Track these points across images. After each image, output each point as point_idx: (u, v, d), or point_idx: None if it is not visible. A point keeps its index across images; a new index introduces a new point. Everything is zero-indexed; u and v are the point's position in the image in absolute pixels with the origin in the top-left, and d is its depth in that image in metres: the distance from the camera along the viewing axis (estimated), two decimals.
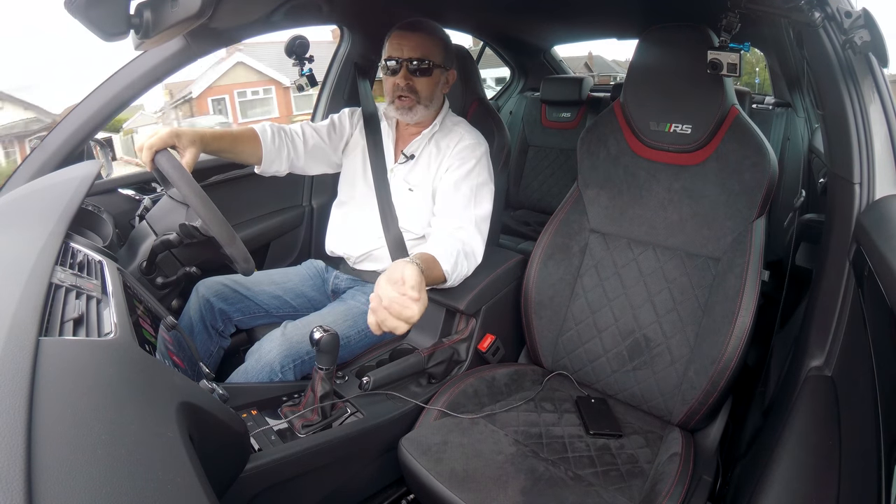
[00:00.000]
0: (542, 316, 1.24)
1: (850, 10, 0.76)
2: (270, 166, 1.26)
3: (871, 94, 0.84)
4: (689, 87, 1.11)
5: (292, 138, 1.29)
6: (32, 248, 0.67)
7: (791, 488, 0.68)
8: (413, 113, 1.23)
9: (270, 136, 1.24)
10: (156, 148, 0.98)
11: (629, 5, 1.65)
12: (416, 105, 1.22)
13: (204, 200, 0.96)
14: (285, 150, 1.27)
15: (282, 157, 1.27)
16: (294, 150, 1.29)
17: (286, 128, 1.30)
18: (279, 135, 1.26)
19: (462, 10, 1.85)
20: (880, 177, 0.84)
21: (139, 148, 0.99)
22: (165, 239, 1.12)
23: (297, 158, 1.30)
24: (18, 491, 0.32)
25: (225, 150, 1.17)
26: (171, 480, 0.42)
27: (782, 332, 1.33)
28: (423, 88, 1.21)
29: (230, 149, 1.18)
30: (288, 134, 1.29)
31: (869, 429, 0.61)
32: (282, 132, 1.27)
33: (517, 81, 2.93)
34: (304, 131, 1.32)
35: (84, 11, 0.78)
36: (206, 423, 0.61)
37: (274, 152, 1.25)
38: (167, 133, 1.00)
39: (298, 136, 1.31)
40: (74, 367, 0.48)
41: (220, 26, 1.18)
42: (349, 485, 1.02)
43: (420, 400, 1.08)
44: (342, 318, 1.20)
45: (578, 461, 0.97)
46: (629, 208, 1.20)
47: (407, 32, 1.20)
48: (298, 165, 1.32)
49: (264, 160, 1.24)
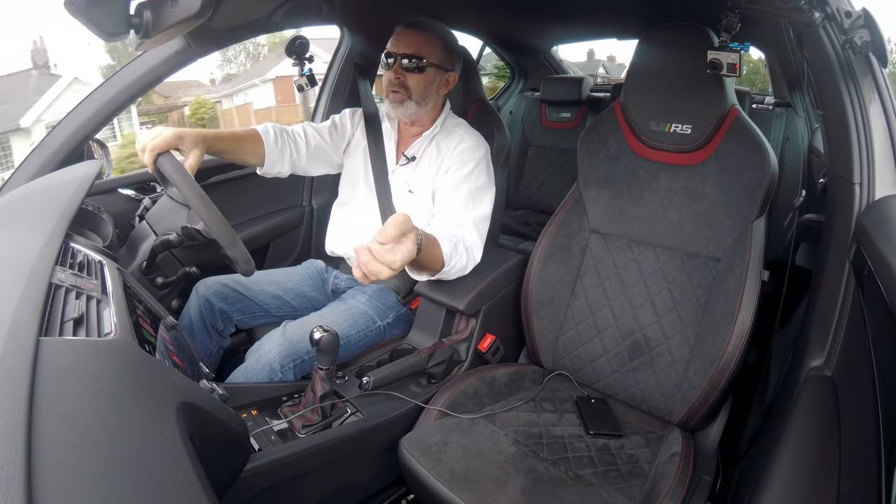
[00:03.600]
0: (542, 316, 1.24)
1: (850, 10, 0.76)
2: (273, 167, 1.26)
3: (871, 94, 0.84)
4: (689, 88, 1.11)
5: (294, 139, 1.29)
6: (32, 248, 0.67)
7: (791, 488, 0.68)
8: (405, 108, 1.23)
9: (273, 138, 1.24)
10: (158, 150, 0.96)
11: (629, 5, 1.65)
12: (407, 101, 1.22)
13: (206, 203, 0.95)
14: (288, 151, 1.27)
15: (284, 159, 1.27)
16: (296, 152, 1.29)
17: (288, 129, 1.30)
18: (281, 136, 1.26)
19: (462, 10, 1.85)
20: (880, 177, 0.84)
21: (141, 149, 0.97)
22: (165, 239, 1.12)
23: (299, 160, 1.30)
24: (18, 491, 0.32)
25: (227, 151, 1.16)
26: (171, 480, 0.42)
27: (782, 332, 1.33)
28: (414, 85, 1.21)
29: (232, 150, 1.17)
30: (290, 135, 1.29)
31: (869, 429, 0.61)
32: (284, 133, 1.27)
33: (517, 81, 2.94)
34: (307, 132, 1.32)
35: (84, 11, 0.78)
36: (206, 423, 0.61)
37: (276, 153, 1.25)
38: (171, 135, 0.98)
39: (300, 136, 1.31)
40: (74, 367, 0.48)
41: (220, 26, 1.18)
42: (349, 485, 1.02)
43: (420, 400, 1.08)
44: (342, 318, 1.20)
45: (578, 461, 0.97)
46: (629, 208, 1.20)
47: (406, 30, 1.21)
48: (300, 167, 1.32)
49: (267, 161, 1.24)
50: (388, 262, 0.78)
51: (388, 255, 0.78)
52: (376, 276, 0.78)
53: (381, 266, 0.78)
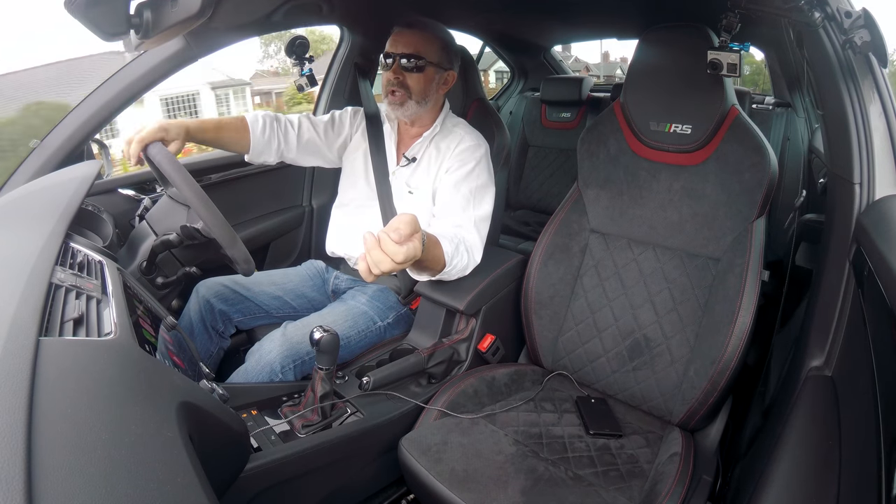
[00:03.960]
0: (542, 316, 1.24)
1: (850, 10, 0.76)
2: (259, 157, 1.29)
3: (871, 94, 0.84)
4: (689, 88, 1.11)
5: (285, 130, 1.31)
6: (32, 248, 0.67)
7: (791, 488, 0.68)
8: (405, 108, 1.23)
9: (261, 127, 1.26)
10: (145, 141, 1.00)
11: (629, 5, 1.65)
12: (408, 101, 1.22)
13: (197, 191, 0.97)
14: (276, 141, 1.29)
15: (271, 149, 1.29)
16: (285, 142, 1.31)
17: (281, 118, 1.31)
18: (271, 125, 1.28)
19: (462, 10, 1.85)
20: (880, 177, 0.84)
21: (128, 141, 1.01)
22: (165, 239, 1.12)
23: (287, 150, 1.32)
24: (18, 491, 0.32)
25: (209, 140, 1.20)
26: (171, 480, 0.42)
27: (782, 332, 1.33)
28: (413, 84, 1.21)
29: (214, 139, 1.21)
30: (282, 125, 1.30)
31: (869, 429, 0.61)
32: (275, 123, 1.29)
33: (517, 81, 2.94)
34: (301, 124, 1.33)
35: (84, 11, 0.78)
36: (206, 423, 0.61)
37: (263, 143, 1.27)
38: (156, 127, 1.03)
39: (293, 128, 1.32)
40: (74, 367, 0.48)
41: (220, 26, 1.18)
42: (349, 485, 1.02)
43: (420, 400, 1.08)
44: (342, 319, 1.20)
45: (578, 461, 0.97)
46: (629, 208, 1.20)
47: (404, 30, 1.21)
48: (289, 157, 1.34)
49: (252, 150, 1.26)
50: (392, 252, 0.78)
51: (393, 246, 0.78)
52: (379, 265, 0.78)
53: (385, 256, 0.78)
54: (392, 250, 0.77)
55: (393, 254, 0.77)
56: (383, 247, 0.78)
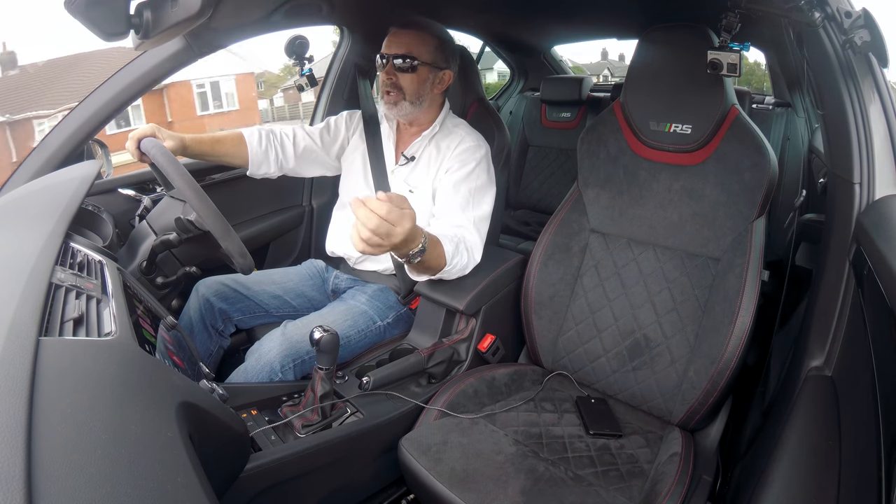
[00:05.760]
0: (542, 316, 1.24)
1: (850, 10, 0.76)
2: (259, 169, 1.31)
3: (871, 94, 0.84)
4: (689, 87, 1.11)
5: (282, 141, 1.33)
6: (32, 248, 0.67)
7: (791, 488, 0.68)
8: (399, 108, 1.24)
9: (257, 140, 1.29)
10: (139, 137, 1.07)
11: (629, 5, 1.65)
12: (402, 101, 1.23)
13: (188, 180, 1.00)
14: (273, 153, 1.31)
15: (269, 160, 1.31)
16: (283, 153, 1.33)
17: (276, 130, 1.33)
18: (267, 138, 1.30)
19: (462, 10, 1.84)
20: (880, 177, 0.84)
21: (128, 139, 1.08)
22: (165, 239, 1.12)
23: (286, 161, 1.34)
24: (18, 490, 0.32)
25: (206, 153, 1.23)
26: (171, 480, 0.42)
27: (782, 332, 1.33)
28: (407, 85, 1.22)
29: (211, 152, 1.23)
30: (277, 137, 1.32)
31: (869, 429, 0.61)
32: (271, 135, 1.31)
33: (517, 81, 2.94)
34: (296, 134, 1.35)
35: (84, 11, 0.78)
36: (206, 423, 0.61)
37: (261, 155, 1.29)
38: (149, 127, 1.09)
39: (289, 138, 1.34)
40: (74, 367, 0.48)
41: (220, 26, 1.18)
42: (349, 485, 1.02)
43: (420, 400, 1.08)
44: (342, 318, 1.20)
45: (578, 461, 0.97)
46: (629, 208, 1.20)
47: (399, 30, 1.22)
48: (288, 167, 1.36)
49: (251, 163, 1.29)
50: (376, 206, 0.77)
51: (377, 203, 0.77)
52: (366, 224, 0.77)
53: (371, 213, 0.77)
54: (376, 205, 0.78)
55: (377, 208, 0.77)
56: (368, 204, 0.78)
